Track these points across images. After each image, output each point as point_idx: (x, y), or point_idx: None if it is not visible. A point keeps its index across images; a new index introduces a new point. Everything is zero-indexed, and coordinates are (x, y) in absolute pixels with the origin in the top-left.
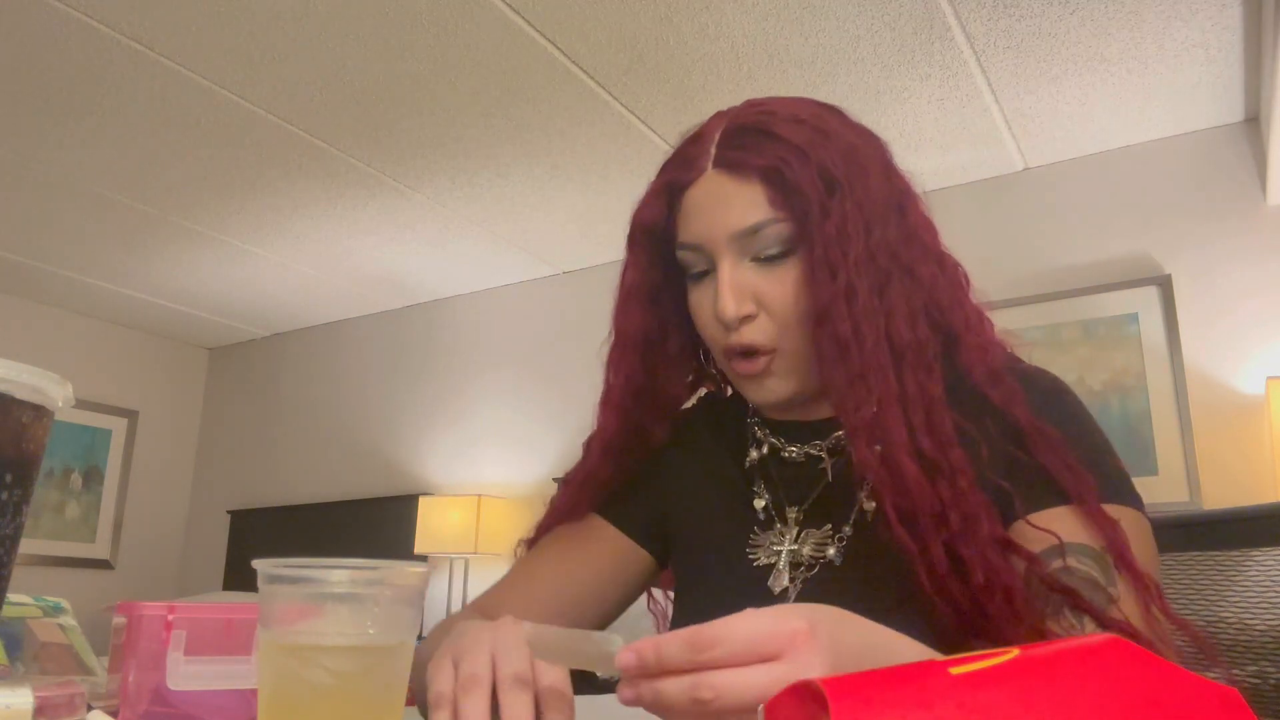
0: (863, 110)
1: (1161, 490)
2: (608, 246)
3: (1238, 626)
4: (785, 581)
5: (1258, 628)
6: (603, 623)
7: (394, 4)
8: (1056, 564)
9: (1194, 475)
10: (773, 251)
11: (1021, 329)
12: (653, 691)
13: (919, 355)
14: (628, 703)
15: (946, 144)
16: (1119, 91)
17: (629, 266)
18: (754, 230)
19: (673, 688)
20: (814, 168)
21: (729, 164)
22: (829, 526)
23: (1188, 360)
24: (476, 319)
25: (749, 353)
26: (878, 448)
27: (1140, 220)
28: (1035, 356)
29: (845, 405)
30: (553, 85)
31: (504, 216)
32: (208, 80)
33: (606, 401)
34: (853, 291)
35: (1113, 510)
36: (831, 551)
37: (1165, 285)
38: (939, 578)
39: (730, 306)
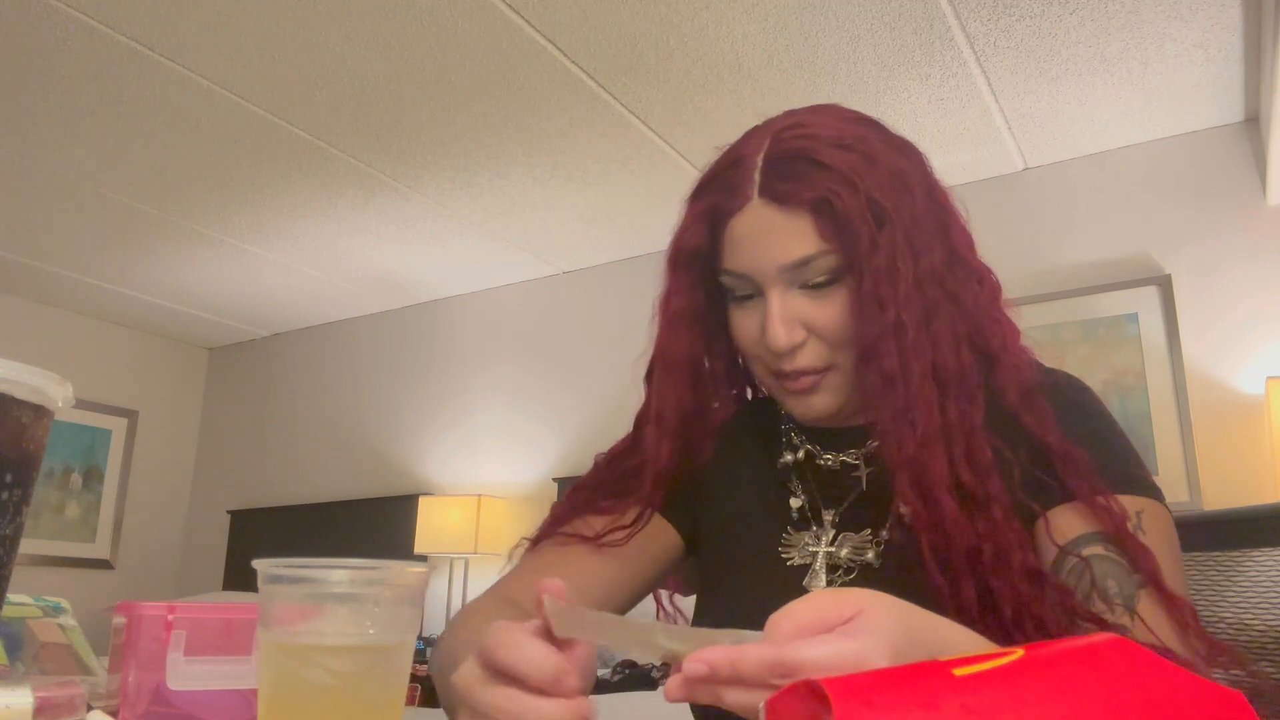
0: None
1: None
2: (608, 246)
3: (1237, 626)
4: (823, 582)
5: (1257, 628)
6: (628, 605)
7: (394, 3)
8: (1087, 551)
9: (1194, 475)
10: (820, 280)
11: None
12: (713, 695)
13: (962, 384)
14: (677, 700)
15: (946, 144)
16: (1119, 91)
17: (671, 292)
18: (804, 263)
19: (739, 699)
20: (863, 199)
21: (776, 195)
22: (868, 531)
23: (1188, 360)
24: (476, 319)
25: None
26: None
27: (1140, 220)
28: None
29: (889, 441)
30: (553, 85)
31: (504, 216)
32: (208, 80)
33: (659, 429)
34: (901, 326)
35: (1130, 501)
36: (870, 555)
37: (1165, 285)
38: (969, 617)
39: (782, 337)
